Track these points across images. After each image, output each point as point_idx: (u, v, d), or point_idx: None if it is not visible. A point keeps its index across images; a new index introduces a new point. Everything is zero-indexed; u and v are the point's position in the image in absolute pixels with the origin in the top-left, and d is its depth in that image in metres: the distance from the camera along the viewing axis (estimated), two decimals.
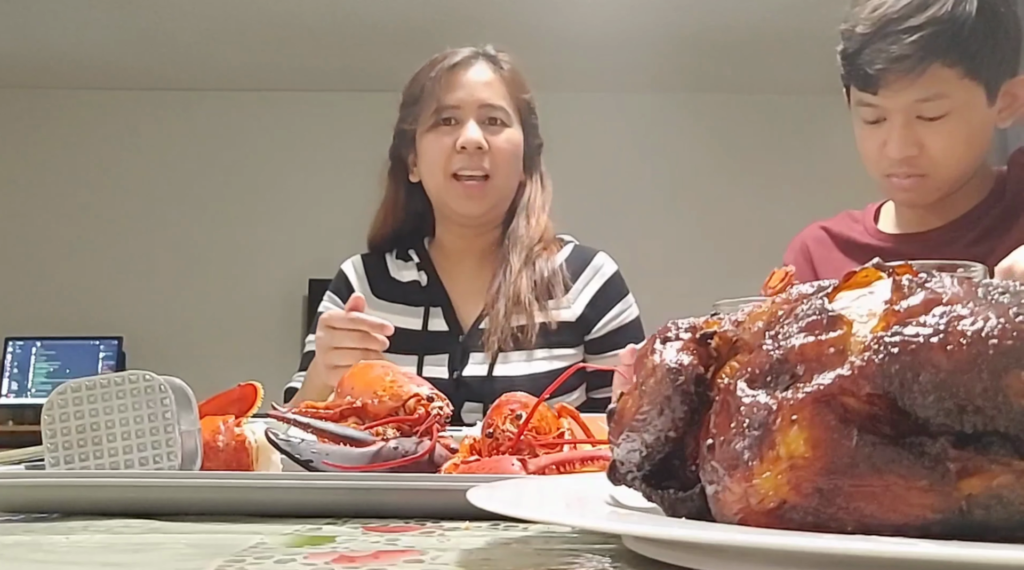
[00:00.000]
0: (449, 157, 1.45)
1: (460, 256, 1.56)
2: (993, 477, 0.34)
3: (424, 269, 1.54)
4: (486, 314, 1.48)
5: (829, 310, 0.39)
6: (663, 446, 0.43)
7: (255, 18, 4.25)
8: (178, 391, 0.70)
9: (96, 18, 4.23)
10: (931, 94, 1.17)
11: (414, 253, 1.56)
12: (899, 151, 1.21)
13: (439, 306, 1.51)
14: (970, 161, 1.24)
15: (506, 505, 0.42)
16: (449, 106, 1.47)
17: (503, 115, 1.49)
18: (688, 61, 4.53)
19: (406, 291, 1.53)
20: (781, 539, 0.34)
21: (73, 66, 4.80)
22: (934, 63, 1.15)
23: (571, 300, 1.50)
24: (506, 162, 1.48)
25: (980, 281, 0.39)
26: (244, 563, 0.44)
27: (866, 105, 1.23)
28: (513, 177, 1.51)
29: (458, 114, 1.47)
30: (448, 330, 1.49)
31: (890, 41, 1.16)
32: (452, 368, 1.45)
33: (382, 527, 0.55)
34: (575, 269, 1.53)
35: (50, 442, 0.68)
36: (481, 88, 1.48)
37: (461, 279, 1.54)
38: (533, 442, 0.72)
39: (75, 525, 0.57)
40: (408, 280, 1.54)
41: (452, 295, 1.53)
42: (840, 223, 1.42)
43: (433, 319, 1.50)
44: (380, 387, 0.79)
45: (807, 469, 0.36)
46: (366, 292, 1.53)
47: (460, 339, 1.48)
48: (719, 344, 0.43)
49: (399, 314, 1.50)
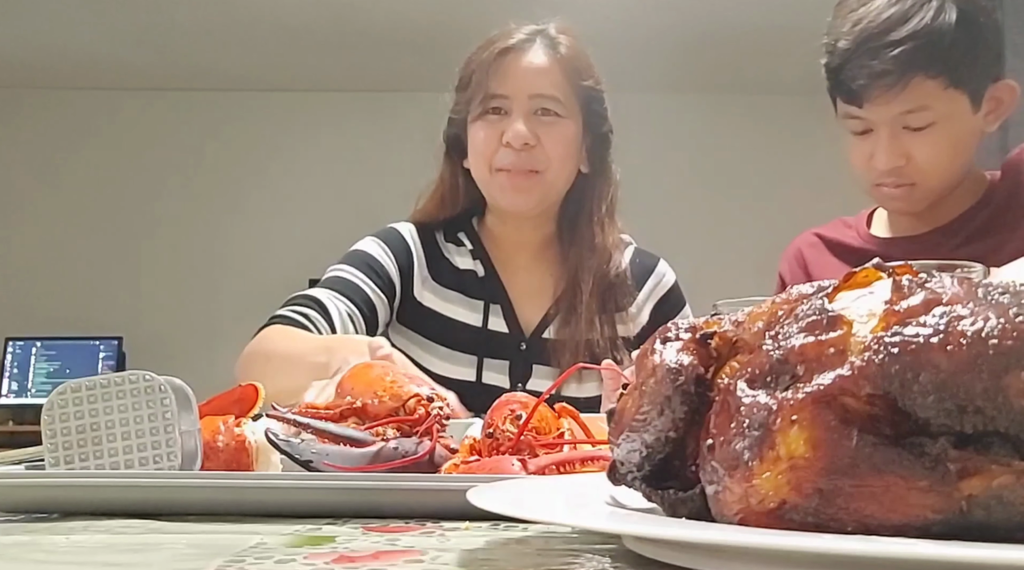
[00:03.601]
0: (495, 150, 1.35)
1: (514, 248, 1.45)
2: (993, 477, 0.34)
3: (479, 258, 1.43)
4: (549, 322, 1.40)
5: (829, 310, 0.39)
6: (663, 446, 0.43)
7: (255, 18, 4.25)
8: (178, 391, 0.70)
9: (96, 18, 4.23)
10: (915, 106, 1.18)
11: (465, 237, 1.45)
12: (886, 162, 1.22)
13: (499, 304, 1.41)
14: (958, 168, 1.25)
15: (506, 505, 0.42)
16: (497, 95, 1.35)
17: (557, 106, 1.36)
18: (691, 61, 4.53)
19: (464, 280, 1.42)
20: (781, 539, 0.34)
21: (73, 66, 4.80)
22: (916, 76, 1.15)
23: (635, 313, 1.43)
24: (558, 158, 1.36)
25: (980, 281, 0.39)
26: (244, 563, 0.44)
27: (852, 118, 1.24)
28: (565, 172, 1.39)
29: (507, 104, 1.35)
30: (508, 332, 1.40)
31: (871, 56, 1.16)
32: (514, 379, 1.38)
33: (382, 527, 0.55)
34: (638, 277, 1.44)
35: (50, 442, 0.67)
36: (534, 76, 1.35)
37: (519, 276, 1.44)
38: (533, 442, 0.72)
39: (75, 525, 0.57)
40: (464, 267, 1.43)
41: (511, 293, 1.42)
42: (833, 229, 1.43)
43: (493, 317, 1.41)
44: (380, 387, 0.78)
45: (807, 469, 0.36)
46: (421, 266, 1.43)
47: (522, 346, 1.40)
48: (719, 344, 0.43)
49: (458, 305, 1.41)
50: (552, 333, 1.40)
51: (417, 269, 1.42)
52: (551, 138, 1.35)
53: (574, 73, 1.38)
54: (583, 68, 1.39)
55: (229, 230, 5.00)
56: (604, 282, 1.39)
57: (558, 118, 1.36)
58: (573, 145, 1.39)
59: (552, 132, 1.35)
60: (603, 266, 1.40)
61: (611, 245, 1.41)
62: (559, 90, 1.36)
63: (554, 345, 1.38)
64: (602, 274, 1.39)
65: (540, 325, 1.41)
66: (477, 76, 1.36)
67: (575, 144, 1.39)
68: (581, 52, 1.40)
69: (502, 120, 1.35)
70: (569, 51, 1.38)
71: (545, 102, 1.35)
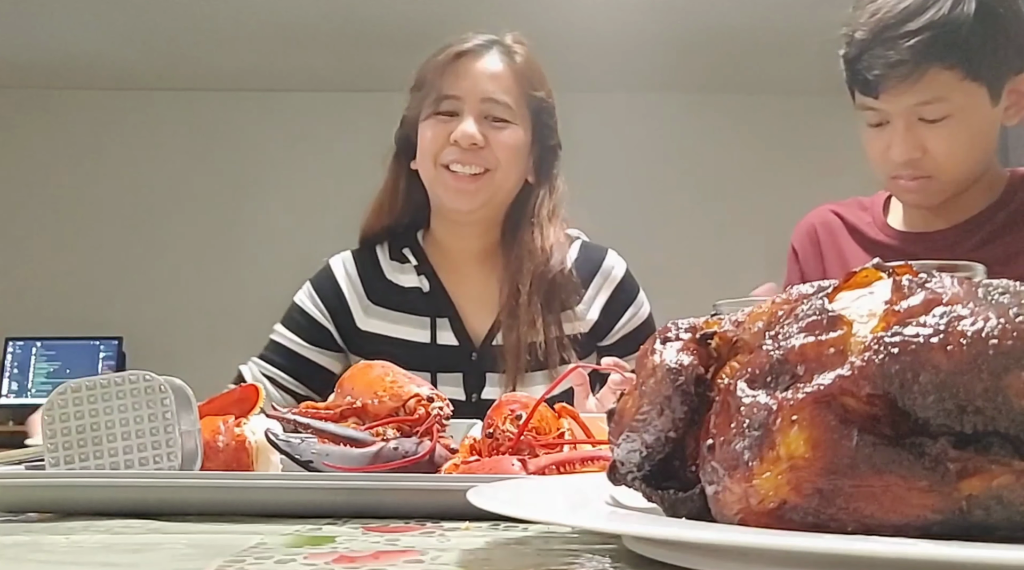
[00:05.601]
0: (442, 147, 1.36)
1: (460, 258, 1.46)
2: (993, 477, 0.34)
3: (424, 273, 1.44)
4: (497, 330, 1.39)
5: (829, 310, 0.39)
6: (663, 446, 0.43)
7: (255, 19, 4.25)
8: (178, 391, 0.70)
9: (97, 18, 4.23)
10: (931, 97, 1.17)
11: (410, 253, 1.45)
12: (902, 154, 1.21)
13: (446, 317, 1.42)
14: (975, 161, 1.24)
15: (506, 505, 0.42)
16: (449, 96, 1.37)
17: (507, 113, 1.37)
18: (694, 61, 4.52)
19: (407, 298, 1.43)
20: (781, 539, 0.34)
21: (74, 66, 4.80)
22: (932, 67, 1.15)
23: (584, 311, 1.42)
24: (506, 161, 1.37)
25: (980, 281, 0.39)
26: (244, 563, 0.44)
27: (868, 109, 1.23)
28: (512, 177, 1.40)
29: (458, 105, 1.37)
30: (458, 344, 1.40)
31: (888, 46, 1.16)
32: (469, 390, 1.38)
33: (382, 527, 0.55)
34: (585, 274, 1.44)
35: (50, 442, 0.67)
36: (486, 80, 1.37)
37: (465, 285, 1.44)
38: (533, 442, 0.72)
39: (75, 525, 0.57)
40: (408, 285, 1.44)
41: (458, 304, 1.43)
42: (850, 211, 1.41)
43: (441, 331, 1.41)
44: (380, 387, 0.78)
45: (807, 469, 0.36)
46: (360, 297, 1.44)
47: (472, 356, 1.40)
48: (719, 344, 0.43)
49: (404, 324, 1.41)
50: (500, 339, 1.39)
51: (353, 303, 1.44)
52: (499, 141, 1.37)
53: (526, 82, 1.40)
54: (536, 79, 1.42)
55: (229, 230, 4.99)
56: (545, 282, 1.38)
57: (508, 124, 1.38)
58: (521, 151, 1.40)
59: (501, 136, 1.37)
60: (542, 267, 1.39)
61: (551, 245, 1.40)
62: (511, 96, 1.38)
63: (501, 351, 1.37)
64: (541, 274, 1.38)
65: (489, 333, 1.41)
66: (431, 77, 1.39)
67: (523, 151, 1.40)
68: (534, 63, 1.43)
69: (452, 121, 1.37)
70: (523, 61, 1.41)
71: (496, 108, 1.37)
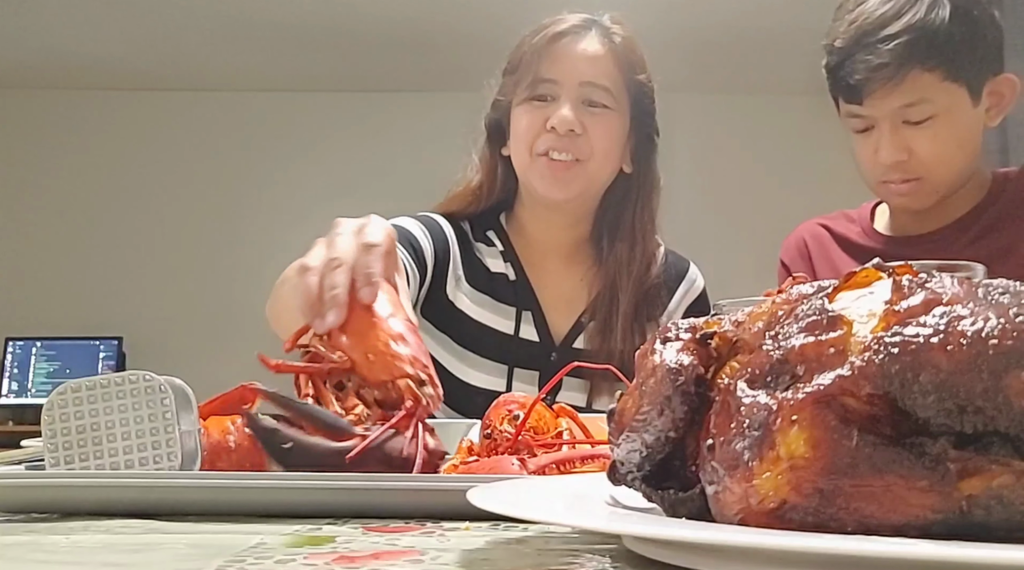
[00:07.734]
0: (538, 134, 1.29)
1: (545, 249, 1.39)
2: (993, 477, 0.34)
3: (509, 260, 1.37)
4: (580, 330, 1.34)
5: (829, 310, 0.39)
6: (663, 446, 0.43)
7: (256, 19, 4.25)
8: (178, 391, 0.70)
9: (98, 19, 4.24)
10: (914, 99, 1.19)
11: (495, 236, 1.38)
12: (889, 156, 1.23)
13: (530, 311, 1.35)
14: (963, 162, 1.26)
15: (506, 505, 0.42)
16: (546, 79, 1.29)
17: (606, 97, 1.30)
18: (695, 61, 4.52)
19: (496, 283, 1.36)
20: (781, 539, 0.34)
21: (74, 66, 4.80)
22: (913, 69, 1.17)
23: (664, 323, 1.32)
24: (603, 150, 1.30)
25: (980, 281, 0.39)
26: (244, 563, 0.44)
27: (854, 116, 1.25)
28: (609, 166, 1.33)
29: (555, 90, 1.29)
30: (539, 341, 1.34)
31: (868, 51, 1.18)
32: None
33: (382, 527, 0.55)
34: (671, 282, 1.39)
35: (50, 442, 0.67)
36: (586, 63, 1.30)
37: (549, 280, 1.38)
38: (531, 442, 0.72)
39: (75, 525, 0.57)
40: (496, 270, 1.37)
41: (541, 299, 1.36)
42: (837, 223, 1.44)
43: (524, 324, 1.34)
44: (374, 350, 0.74)
45: (807, 469, 0.36)
46: (456, 264, 1.35)
47: (552, 356, 1.34)
48: (719, 344, 0.43)
49: (490, 310, 1.35)
50: (583, 343, 1.34)
51: (452, 267, 1.36)
52: (597, 129, 1.29)
53: (627, 65, 1.32)
54: (636, 61, 1.33)
55: (229, 230, 5.00)
56: (640, 292, 1.34)
57: (606, 110, 1.30)
58: (619, 140, 1.33)
59: (599, 123, 1.30)
60: (642, 275, 1.34)
61: (652, 252, 1.35)
62: (610, 80, 1.30)
63: (585, 356, 1.30)
64: (639, 282, 1.33)
65: (570, 334, 1.35)
66: (527, 59, 1.30)
67: (621, 139, 1.33)
68: (635, 45, 1.34)
69: (548, 106, 1.29)
70: (623, 42, 1.33)
71: (595, 92, 1.30)
